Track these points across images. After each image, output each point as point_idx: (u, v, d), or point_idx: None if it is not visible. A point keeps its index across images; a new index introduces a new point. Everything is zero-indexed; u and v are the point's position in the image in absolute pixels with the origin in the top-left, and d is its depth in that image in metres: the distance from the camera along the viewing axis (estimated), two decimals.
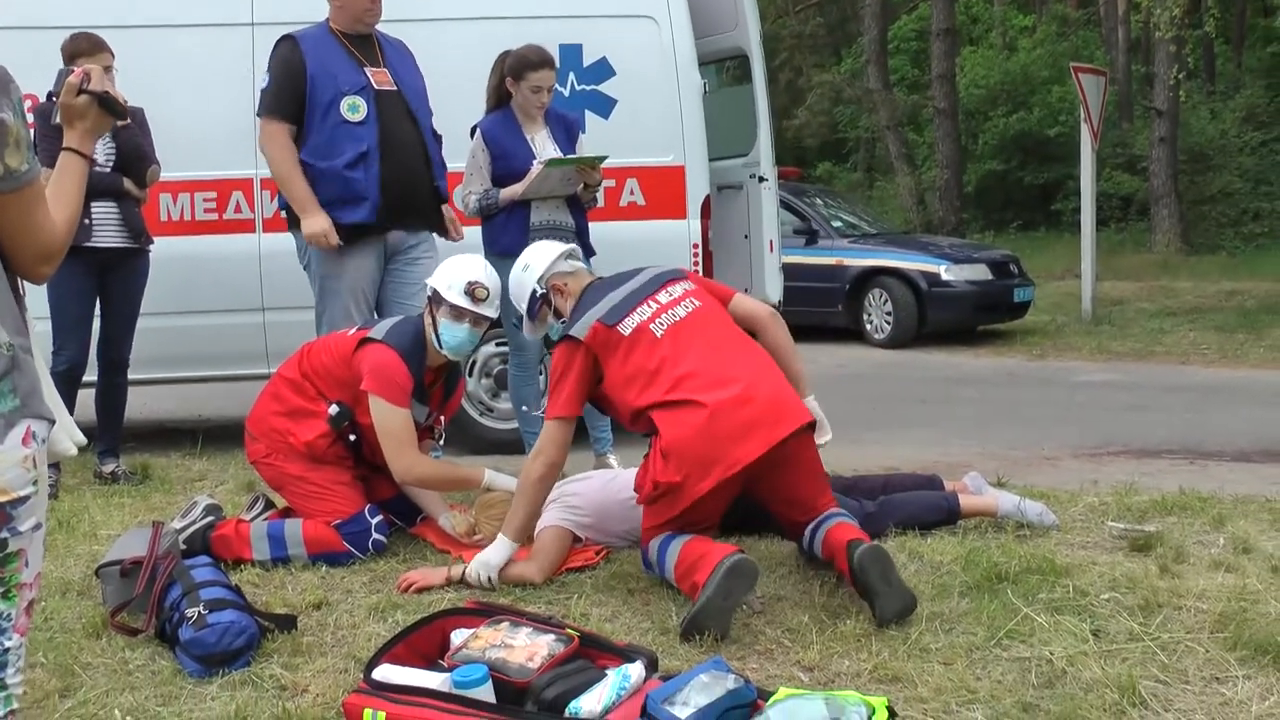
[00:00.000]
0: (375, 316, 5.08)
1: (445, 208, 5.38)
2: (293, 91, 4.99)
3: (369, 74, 5.06)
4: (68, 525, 4.62)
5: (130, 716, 2.94)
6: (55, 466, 5.35)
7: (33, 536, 2.04)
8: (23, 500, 2.00)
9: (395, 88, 5.12)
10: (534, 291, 4.12)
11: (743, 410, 3.56)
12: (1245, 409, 8.02)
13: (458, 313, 4.17)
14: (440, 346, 4.21)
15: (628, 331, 3.76)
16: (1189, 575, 3.76)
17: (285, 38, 5.08)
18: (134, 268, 5.50)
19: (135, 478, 5.54)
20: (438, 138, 5.30)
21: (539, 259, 4.17)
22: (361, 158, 4.98)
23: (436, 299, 4.21)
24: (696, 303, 3.88)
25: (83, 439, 2.29)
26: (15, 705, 2.11)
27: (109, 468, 5.55)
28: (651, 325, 3.77)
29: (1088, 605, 3.47)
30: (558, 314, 4.11)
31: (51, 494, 5.06)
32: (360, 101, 4.99)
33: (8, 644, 2.06)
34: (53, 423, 2.08)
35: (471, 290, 4.16)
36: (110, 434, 5.62)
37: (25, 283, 2.14)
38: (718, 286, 4.16)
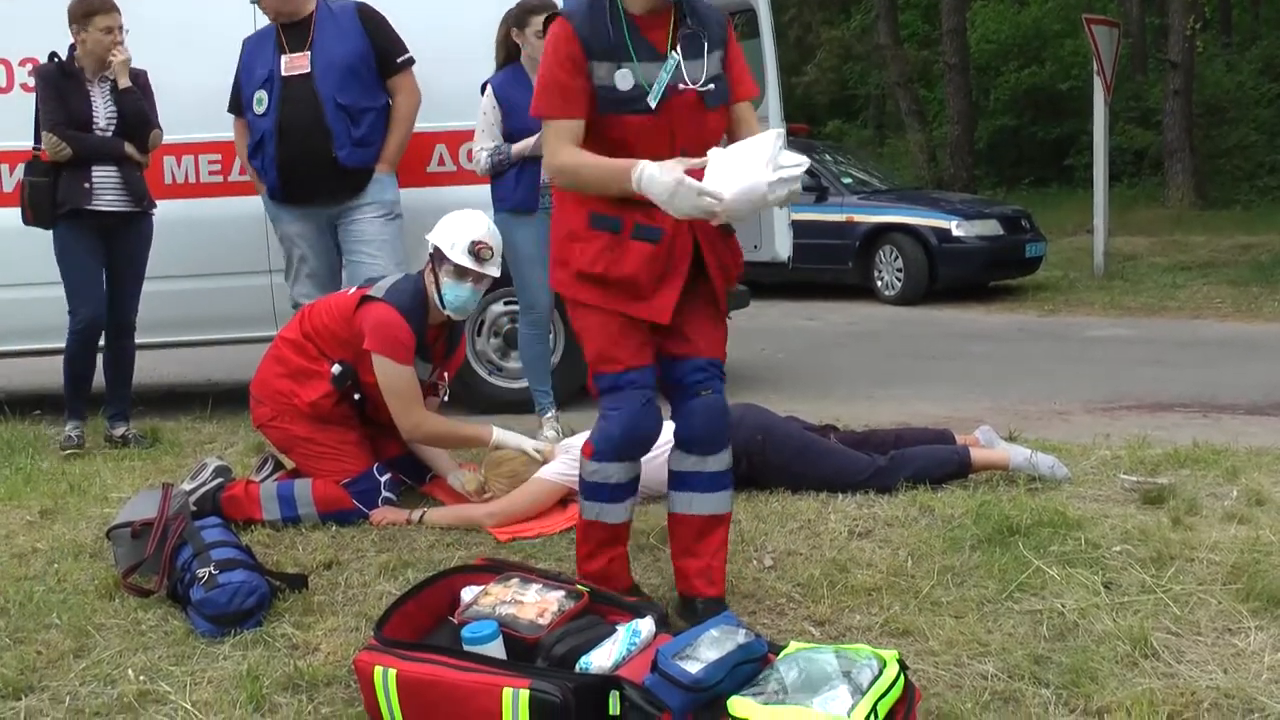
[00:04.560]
0: (347, 280, 5.31)
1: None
2: (236, 90, 5.55)
3: (283, 61, 5.31)
4: (79, 489, 4.63)
5: (143, 676, 2.95)
6: (80, 432, 5.39)
7: None
8: None
9: (307, 70, 5.29)
10: None
11: None
12: (1259, 362, 7.98)
13: (461, 272, 4.12)
14: (444, 306, 4.18)
15: None
16: (1201, 527, 3.75)
17: (245, 40, 5.55)
18: (137, 231, 5.47)
19: (145, 441, 5.54)
20: (345, 109, 5.30)
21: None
22: (259, 146, 5.39)
23: (439, 257, 4.14)
24: None
25: None
26: None
27: (119, 431, 5.55)
28: None
29: (1099, 558, 3.47)
30: None
31: (77, 444, 5.34)
32: (263, 95, 5.34)
33: None
34: None
35: (476, 250, 4.11)
36: (119, 398, 5.61)
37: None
38: None
